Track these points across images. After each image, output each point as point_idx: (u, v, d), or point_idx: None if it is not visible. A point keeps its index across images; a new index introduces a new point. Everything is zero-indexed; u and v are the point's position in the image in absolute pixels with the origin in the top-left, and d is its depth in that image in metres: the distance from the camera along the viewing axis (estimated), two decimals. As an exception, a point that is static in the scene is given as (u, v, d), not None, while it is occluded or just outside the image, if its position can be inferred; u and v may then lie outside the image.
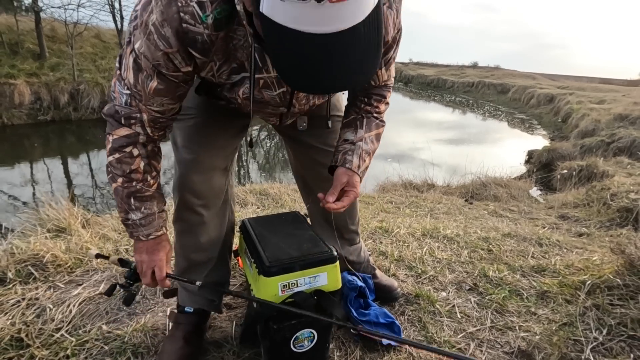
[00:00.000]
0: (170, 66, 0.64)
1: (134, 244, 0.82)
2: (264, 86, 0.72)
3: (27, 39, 9.47)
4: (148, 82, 0.66)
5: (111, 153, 0.74)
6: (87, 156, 7.44)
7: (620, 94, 13.65)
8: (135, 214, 0.77)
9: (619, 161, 5.30)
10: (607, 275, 1.13)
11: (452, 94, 22.10)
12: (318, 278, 0.83)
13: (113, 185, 0.76)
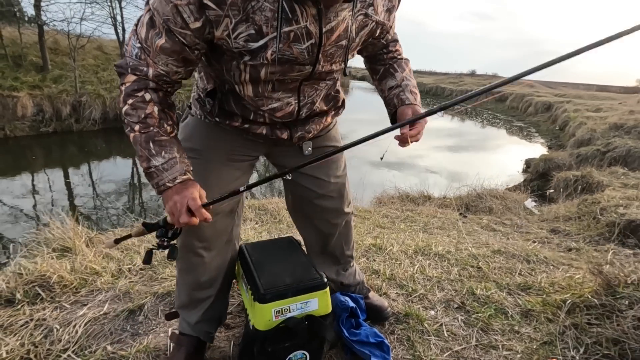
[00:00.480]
0: (178, 21, 0.65)
1: (163, 198, 0.77)
2: (294, 39, 0.70)
3: (30, 51, 9.63)
4: (157, 38, 0.68)
5: (125, 101, 0.74)
6: (89, 166, 7.52)
7: (617, 101, 13.78)
8: (157, 159, 0.74)
9: (614, 171, 5.36)
10: (587, 295, 1.20)
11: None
12: (309, 303, 0.90)
13: (131, 136, 0.75)
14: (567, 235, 2.43)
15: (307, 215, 1.14)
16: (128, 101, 0.73)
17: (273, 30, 0.68)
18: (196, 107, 0.94)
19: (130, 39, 0.73)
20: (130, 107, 0.73)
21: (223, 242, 0.99)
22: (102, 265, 1.55)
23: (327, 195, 1.07)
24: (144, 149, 0.74)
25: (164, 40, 0.68)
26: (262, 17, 0.66)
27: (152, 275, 1.51)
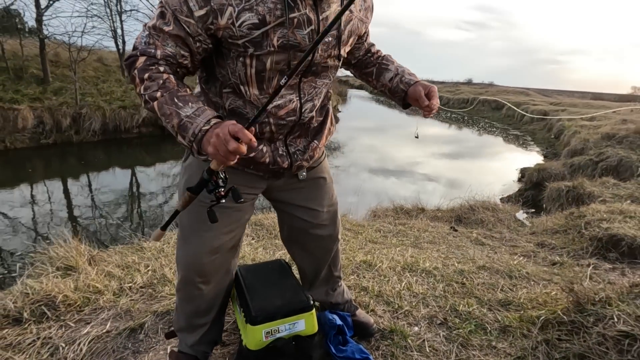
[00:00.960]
0: (184, 9, 0.74)
1: (203, 144, 0.74)
2: (297, 25, 0.79)
3: (31, 64, 9.77)
4: (166, 26, 0.76)
5: (141, 77, 0.77)
6: (88, 177, 7.60)
7: (611, 110, 13.96)
8: (186, 110, 0.75)
9: (605, 182, 5.45)
10: (558, 311, 1.28)
11: (448, 111, 22.51)
12: (297, 324, 0.98)
13: (155, 104, 0.76)
14: (552, 249, 2.51)
15: (302, 245, 1.21)
16: (144, 76, 0.77)
17: (276, 19, 0.76)
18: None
19: (139, 36, 0.80)
20: (147, 79, 0.77)
21: (222, 275, 1.06)
22: (104, 284, 1.63)
23: (321, 224, 1.15)
24: (170, 107, 0.76)
25: (171, 27, 0.77)
26: (265, 8, 0.75)
27: (152, 293, 1.59)
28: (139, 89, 0.77)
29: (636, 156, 6.68)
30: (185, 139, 0.76)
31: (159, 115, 0.78)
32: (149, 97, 0.77)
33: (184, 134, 0.75)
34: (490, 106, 20.91)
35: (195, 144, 0.75)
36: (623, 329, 1.10)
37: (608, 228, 2.43)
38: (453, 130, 17.28)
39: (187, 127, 0.75)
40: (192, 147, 0.76)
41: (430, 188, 7.70)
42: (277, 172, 1.00)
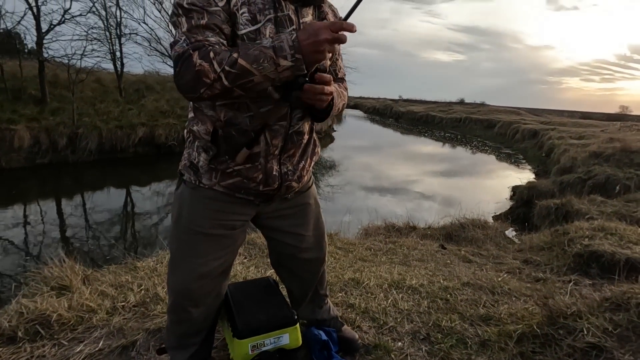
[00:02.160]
0: (212, 2, 0.82)
1: (303, 48, 0.77)
2: (282, 25, 0.88)
3: (30, 85, 9.91)
4: (201, 20, 0.81)
5: (208, 61, 0.77)
6: (82, 197, 7.61)
7: (599, 129, 14.30)
8: (265, 42, 0.80)
9: (593, 199, 5.56)
10: (534, 325, 1.34)
11: (441, 130, 22.92)
12: (281, 338, 1.04)
13: (241, 61, 0.77)
14: (537, 266, 2.58)
15: (290, 270, 1.27)
16: (210, 57, 0.78)
17: (264, 17, 0.86)
18: (189, 174, 1.02)
19: (177, 45, 0.82)
20: (215, 57, 0.78)
21: (211, 299, 1.09)
22: (98, 303, 1.67)
23: (308, 248, 1.21)
24: (255, 51, 0.78)
25: (206, 20, 0.82)
26: (255, 8, 0.86)
27: (145, 311, 1.63)
28: (213, 70, 0.77)
29: (623, 174, 6.85)
30: (287, 57, 0.78)
31: (249, 67, 0.77)
32: (229, 64, 0.77)
33: (283, 53, 0.78)
34: (482, 125, 21.30)
35: (297, 54, 0.78)
36: (591, 341, 1.16)
37: (589, 245, 2.51)
38: (447, 149, 17.53)
39: (282, 47, 0.78)
40: (297, 59, 0.78)
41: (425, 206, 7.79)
42: (267, 194, 1.03)
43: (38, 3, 9.16)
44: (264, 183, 1.00)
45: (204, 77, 0.78)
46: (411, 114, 28.00)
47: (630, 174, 6.67)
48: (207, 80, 0.78)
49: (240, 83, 0.79)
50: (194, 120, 0.98)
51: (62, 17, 9.57)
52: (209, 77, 0.78)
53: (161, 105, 11.60)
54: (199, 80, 0.78)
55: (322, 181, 9.09)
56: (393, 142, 18.87)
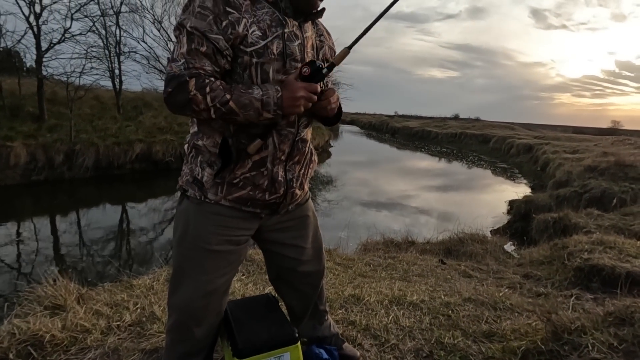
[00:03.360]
0: (214, 28, 0.88)
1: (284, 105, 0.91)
2: (289, 39, 0.96)
3: (28, 102, 9.95)
4: (200, 47, 0.87)
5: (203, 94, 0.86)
6: (77, 214, 7.53)
7: (593, 143, 14.48)
8: (256, 93, 0.90)
9: (589, 213, 5.57)
10: (538, 341, 1.32)
11: (437, 145, 23.12)
12: (283, 357, 1.01)
13: (232, 103, 0.87)
14: (538, 280, 2.56)
15: (290, 284, 1.25)
16: (206, 90, 0.86)
17: (272, 33, 0.93)
18: (194, 190, 1.00)
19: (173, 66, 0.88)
20: (210, 92, 0.87)
21: (214, 316, 1.08)
22: (92, 323, 1.62)
23: (308, 260, 1.21)
24: (245, 98, 0.89)
25: (205, 47, 0.88)
26: (264, 24, 0.93)
27: (140, 331, 1.59)
28: (205, 103, 0.86)
29: (618, 187, 6.90)
30: (270, 111, 0.91)
31: (237, 110, 0.89)
32: (221, 102, 0.87)
33: (267, 108, 0.90)
34: (477, 140, 21.52)
35: (278, 109, 0.91)
36: (597, 357, 1.14)
37: (589, 259, 2.50)
38: (443, 164, 17.64)
39: (269, 102, 0.90)
40: (277, 114, 0.91)
41: (423, 221, 7.78)
42: (272, 204, 1.04)
43: (39, 22, 9.29)
44: (269, 190, 1.01)
45: (194, 105, 0.87)
46: (407, 130, 28.30)
47: (626, 187, 6.72)
48: (196, 108, 0.87)
49: (225, 118, 0.91)
50: (198, 134, 1.00)
51: (62, 36, 9.70)
52: (199, 107, 0.87)
53: (159, 121, 11.65)
54: (189, 106, 0.87)
55: (320, 196, 9.08)
56: (389, 157, 18.98)
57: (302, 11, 0.99)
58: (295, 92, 0.91)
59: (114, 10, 11.20)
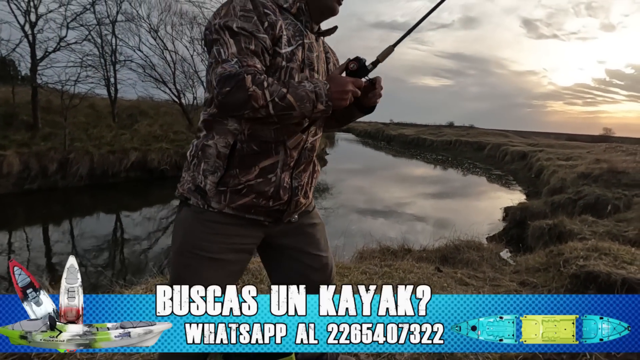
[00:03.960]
0: (260, 28, 0.92)
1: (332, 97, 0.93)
2: (309, 49, 1.01)
3: (22, 110, 9.90)
4: (250, 45, 0.90)
5: (262, 89, 0.86)
6: (70, 223, 7.45)
7: (585, 150, 14.64)
8: (309, 86, 0.92)
9: (584, 219, 5.60)
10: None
11: (433, 152, 23.26)
12: (276, 369, 0.99)
13: (289, 97, 0.89)
14: (534, 288, 2.56)
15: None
16: (264, 86, 0.87)
17: (296, 41, 0.99)
18: (196, 198, 1.00)
19: (225, 66, 0.88)
20: (268, 87, 0.87)
21: None
22: None
23: (321, 269, 1.16)
24: (300, 90, 0.91)
25: (253, 46, 0.91)
26: (290, 32, 0.98)
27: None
28: (264, 98, 0.87)
29: (611, 194, 6.96)
30: (323, 103, 0.93)
31: (295, 104, 0.90)
32: (279, 97, 0.88)
33: (321, 99, 0.92)
34: (472, 147, 21.69)
35: (329, 101, 0.93)
36: (595, 366, 1.13)
37: (584, 265, 2.50)
38: (438, 171, 17.73)
39: (321, 94, 0.92)
40: (329, 105, 0.94)
41: (419, 228, 7.77)
42: (275, 211, 1.03)
43: (34, 31, 9.30)
44: (274, 197, 1.00)
45: (253, 101, 0.86)
46: (402, 137, 28.47)
47: (619, 194, 6.78)
48: (255, 104, 0.86)
49: (282, 114, 0.90)
50: (208, 136, 1.00)
51: (58, 45, 9.71)
52: (258, 103, 0.87)
53: (154, 130, 11.64)
54: (249, 103, 0.86)
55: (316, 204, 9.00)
56: (385, 164, 19.05)
57: (322, 17, 1.06)
58: (343, 85, 0.94)
59: (110, 20, 11.26)
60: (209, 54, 0.94)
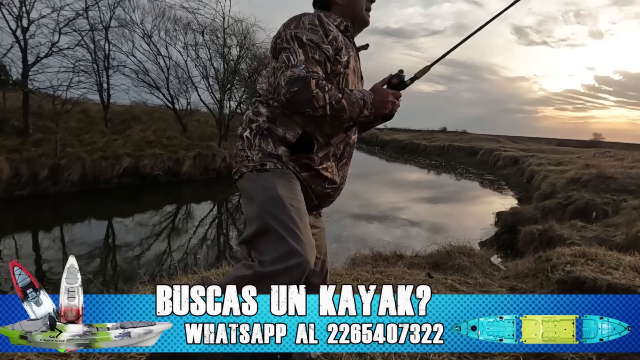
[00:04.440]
0: (324, 39, 1.08)
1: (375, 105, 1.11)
2: (354, 59, 1.18)
3: (13, 116, 9.80)
4: (315, 54, 1.06)
5: (322, 93, 1.02)
6: (61, 230, 7.36)
7: (575, 155, 14.85)
8: (358, 94, 1.09)
9: (573, 224, 5.67)
10: (520, 357, 1.33)
11: (426, 157, 23.41)
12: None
13: (344, 101, 1.05)
14: (523, 293, 2.59)
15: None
16: (325, 89, 1.03)
17: (348, 52, 1.14)
18: (273, 161, 1.09)
19: (294, 70, 1.02)
20: (328, 91, 1.03)
21: None
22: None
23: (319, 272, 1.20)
24: (352, 97, 1.07)
25: (318, 55, 1.07)
26: (344, 45, 1.14)
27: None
28: (324, 100, 1.02)
29: (600, 199, 7.06)
30: (368, 109, 1.10)
31: (347, 107, 1.06)
32: (335, 100, 1.04)
33: (367, 106, 1.10)
34: (465, 152, 21.87)
35: (373, 108, 1.11)
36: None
37: (571, 271, 2.55)
38: (432, 176, 17.84)
39: (367, 102, 1.10)
40: (372, 112, 1.11)
41: (413, 233, 7.81)
42: (324, 196, 1.18)
43: (26, 36, 9.24)
44: (329, 180, 1.16)
45: (315, 102, 1.02)
46: (396, 142, 28.62)
47: (607, 198, 6.88)
48: (316, 104, 1.02)
49: (335, 115, 1.06)
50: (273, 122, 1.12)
51: (50, 50, 9.64)
52: (318, 104, 1.02)
53: (147, 135, 11.58)
54: (311, 102, 1.01)
55: (310, 210, 9.04)
56: (379, 169, 19.13)
57: (359, 31, 1.24)
58: (385, 96, 1.13)
59: (103, 25, 11.21)
60: (276, 59, 1.10)
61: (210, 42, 13.48)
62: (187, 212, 9.43)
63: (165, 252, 6.47)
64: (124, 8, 11.80)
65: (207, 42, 13.45)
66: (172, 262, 5.78)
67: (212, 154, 12.17)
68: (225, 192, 11.21)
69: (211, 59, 13.58)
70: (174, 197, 10.51)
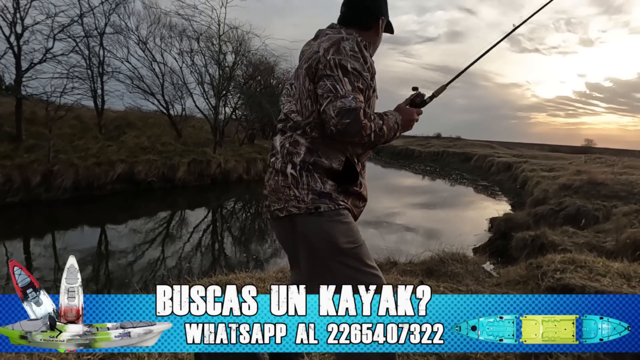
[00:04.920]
0: (366, 68, 1.13)
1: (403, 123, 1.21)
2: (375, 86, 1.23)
3: (5, 122, 9.71)
4: (359, 83, 1.10)
5: (369, 122, 1.08)
6: (52, 237, 7.28)
7: (567, 161, 15.01)
8: (392, 119, 1.17)
9: (565, 230, 5.73)
10: (507, 366, 1.36)
11: (421, 163, 23.53)
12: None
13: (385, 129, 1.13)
14: (514, 301, 2.61)
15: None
16: (371, 119, 1.10)
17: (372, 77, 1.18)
18: (325, 202, 1.11)
19: (346, 100, 1.07)
20: (373, 120, 1.11)
21: None
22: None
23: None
24: (390, 122, 1.16)
25: (360, 84, 1.12)
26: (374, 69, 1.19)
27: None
28: (370, 129, 1.09)
29: (591, 205, 7.14)
30: (399, 131, 1.21)
31: (387, 132, 1.15)
32: (378, 127, 1.11)
33: (399, 128, 1.19)
34: (459, 158, 22.01)
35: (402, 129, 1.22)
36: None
37: (560, 278, 2.58)
38: (427, 181, 17.93)
39: (399, 124, 1.20)
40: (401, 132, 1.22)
41: (408, 238, 7.82)
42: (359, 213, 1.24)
43: (19, 42, 9.20)
44: (363, 199, 1.23)
45: (363, 131, 1.08)
46: (391, 148, 28.69)
47: (598, 205, 6.96)
48: (364, 133, 1.08)
49: (377, 140, 1.14)
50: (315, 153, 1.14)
51: (44, 56, 9.60)
52: (366, 132, 1.09)
53: (142, 141, 11.52)
54: (360, 132, 1.07)
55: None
56: (374, 175, 19.17)
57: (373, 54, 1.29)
58: (411, 116, 1.24)
59: (98, 32, 11.20)
60: (314, 82, 1.12)
61: (206, 49, 13.51)
62: (182, 219, 9.38)
63: (159, 259, 6.43)
64: (119, 15, 11.80)
65: (202, 48, 13.47)
66: (165, 269, 5.74)
67: (207, 160, 12.14)
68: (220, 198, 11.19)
69: (206, 65, 13.60)
70: (168, 204, 10.45)
